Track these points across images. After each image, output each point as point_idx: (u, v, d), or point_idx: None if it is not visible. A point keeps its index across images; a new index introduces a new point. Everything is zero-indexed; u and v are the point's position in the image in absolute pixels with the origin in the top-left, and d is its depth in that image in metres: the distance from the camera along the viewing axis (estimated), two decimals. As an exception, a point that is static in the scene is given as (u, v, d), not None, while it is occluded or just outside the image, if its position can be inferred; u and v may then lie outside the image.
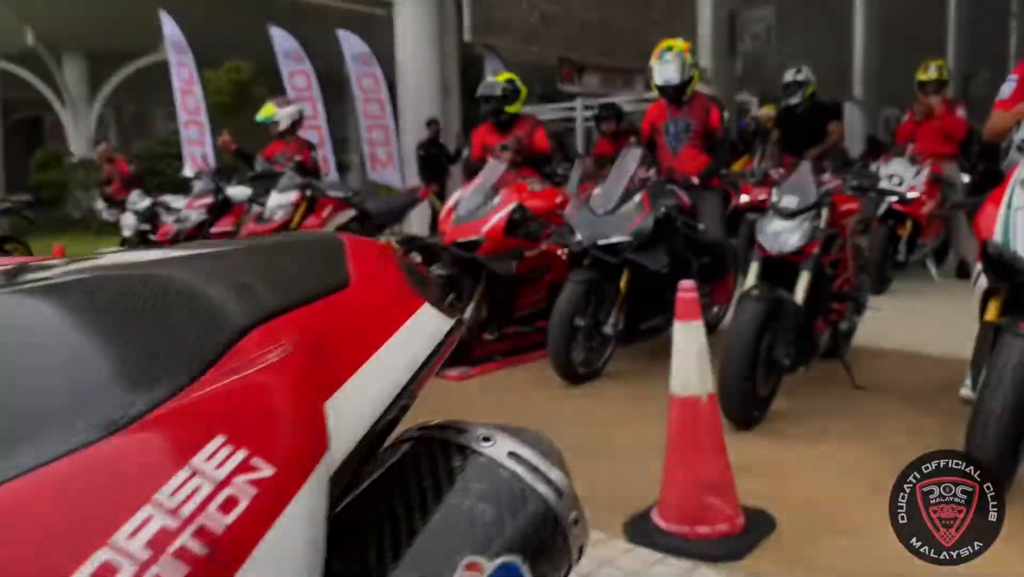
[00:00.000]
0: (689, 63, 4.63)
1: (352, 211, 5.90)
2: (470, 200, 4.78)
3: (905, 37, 23.97)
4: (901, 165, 6.36)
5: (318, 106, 12.10)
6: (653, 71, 4.67)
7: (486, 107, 5.51)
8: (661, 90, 4.68)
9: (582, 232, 4.13)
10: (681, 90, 4.64)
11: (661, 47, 4.71)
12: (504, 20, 14.02)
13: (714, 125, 4.73)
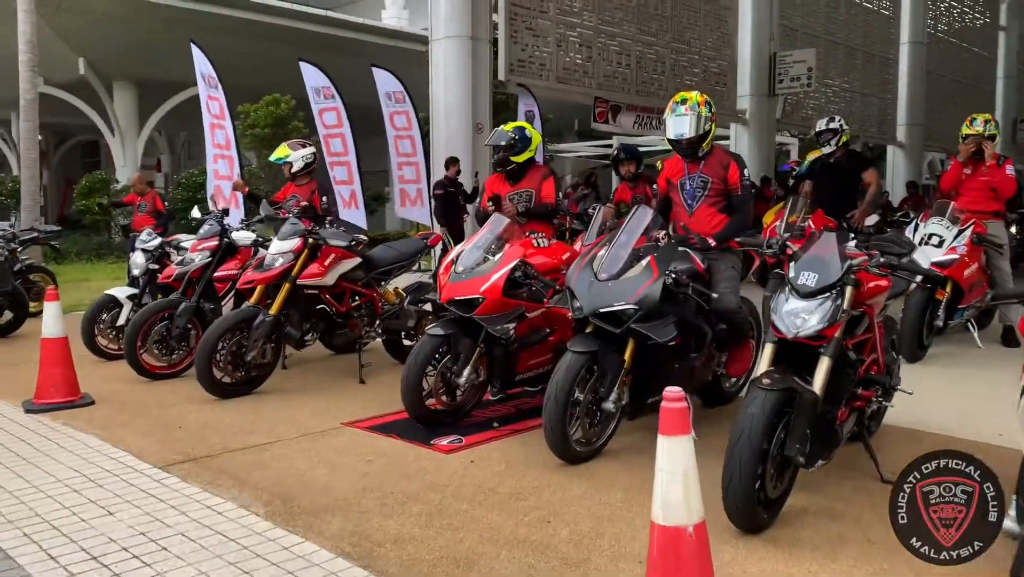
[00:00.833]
0: (705, 116, 4.32)
1: (356, 259, 5.66)
2: (469, 255, 4.50)
3: (951, 81, 23.43)
4: (941, 225, 5.93)
5: (348, 142, 12.02)
6: (666, 124, 4.38)
7: (495, 157, 5.28)
8: (674, 144, 4.38)
9: (583, 298, 3.82)
10: (696, 145, 4.33)
11: (675, 99, 4.41)
12: (539, 59, 13.85)
13: (733, 183, 4.40)
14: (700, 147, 4.36)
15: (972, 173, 6.44)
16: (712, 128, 4.37)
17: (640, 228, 3.99)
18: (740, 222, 4.39)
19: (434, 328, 4.44)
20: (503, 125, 5.29)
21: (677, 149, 4.40)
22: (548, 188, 5.32)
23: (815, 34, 19.19)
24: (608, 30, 15.00)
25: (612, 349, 3.84)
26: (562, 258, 4.71)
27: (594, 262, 3.95)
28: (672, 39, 16.24)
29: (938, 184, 7.07)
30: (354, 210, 12.04)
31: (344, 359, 6.43)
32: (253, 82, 19.60)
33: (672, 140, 4.36)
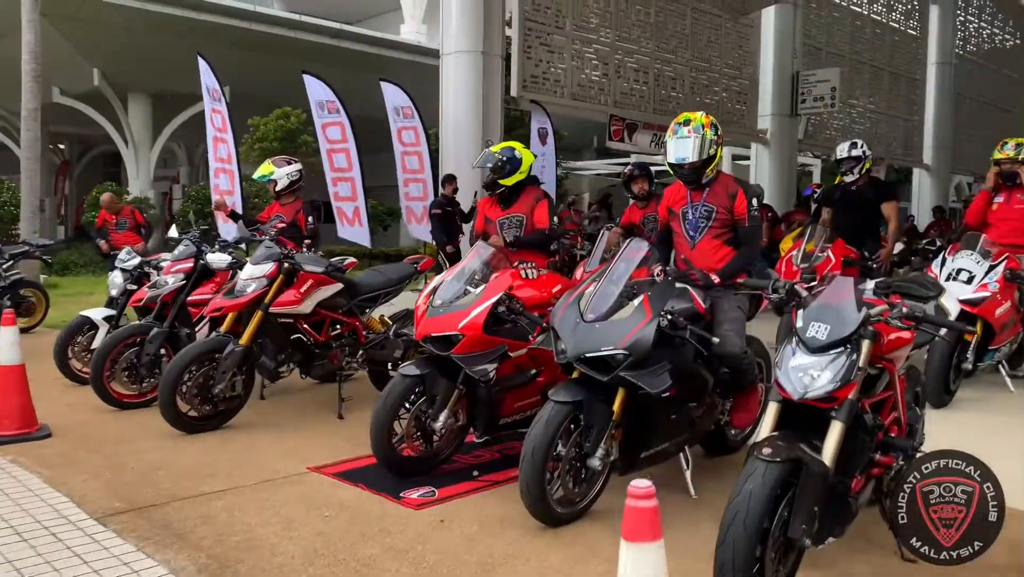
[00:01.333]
0: (710, 139, 3.91)
1: (336, 286, 5.27)
2: (449, 288, 4.11)
3: (979, 103, 22.83)
4: (971, 259, 5.46)
5: (352, 157, 11.70)
6: (666, 147, 3.97)
7: (484, 180, 4.91)
8: (675, 169, 3.97)
9: (567, 340, 3.41)
10: (699, 171, 3.92)
11: (677, 120, 4.01)
12: (554, 75, 13.51)
13: (740, 213, 3.98)
14: (704, 173, 3.95)
15: (1005, 202, 5.98)
16: (718, 153, 3.96)
17: (634, 262, 3.58)
18: (747, 257, 3.97)
19: (407, 367, 4.05)
20: (491, 145, 4.93)
21: (678, 175, 3.99)
22: (541, 213, 4.93)
23: (840, 53, 18.73)
24: (625, 47, 14.65)
25: (599, 399, 3.43)
26: (552, 291, 4.30)
27: (581, 300, 3.54)
28: (692, 56, 15.85)
29: (964, 214, 6.60)
30: (357, 227, 11.71)
31: (328, 389, 6.03)
32: (266, 95, 19.45)
33: (673, 165, 3.96)
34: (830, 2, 18.61)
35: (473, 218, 5.15)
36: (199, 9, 19.36)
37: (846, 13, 19.07)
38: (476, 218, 5.23)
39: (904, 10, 20.68)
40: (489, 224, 5.10)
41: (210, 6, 19.47)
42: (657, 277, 3.53)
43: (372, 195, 21.55)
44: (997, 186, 6.15)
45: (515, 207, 4.98)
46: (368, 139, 13.81)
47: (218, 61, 18.59)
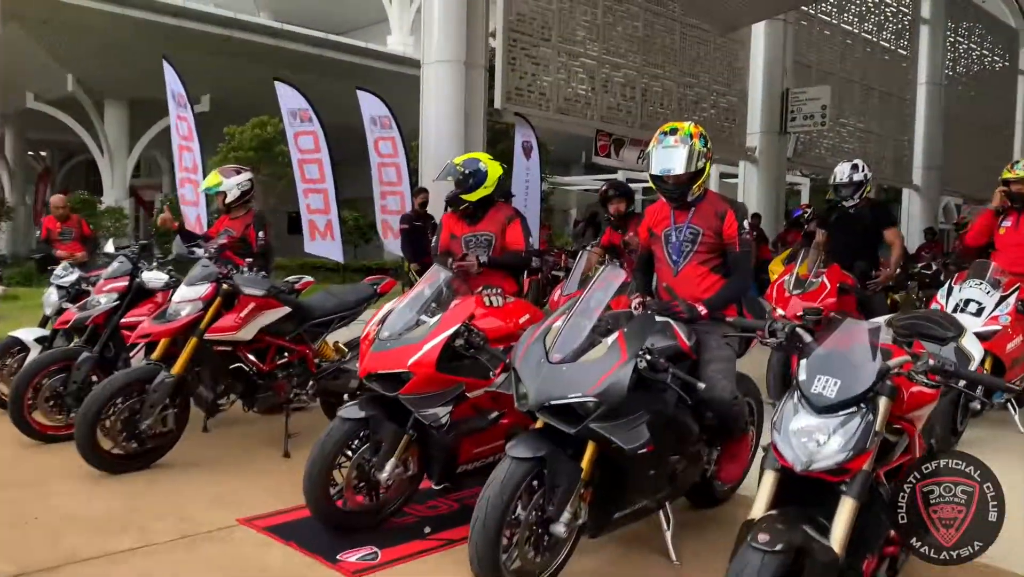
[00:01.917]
0: (699, 151, 3.45)
1: (282, 309, 4.76)
2: (399, 317, 3.60)
3: (968, 125, 22.62)
4: (980, 289, 5.00)
5: (325, 168, 11.19)
6: (650, 159, 3.51)
7: (448, 194, 4.44)
8: (659, 184, 3.50)
9: (529, 384, 2.91)
10: (685, 186, 3.45)
11: (663, 129, 3.55)
12: (539, 88, 13.10)
13: (729, 237, 3.52)
14: (690, 189, 3.48)
15: (1013, 226, 5.54)
16: (707, 168, 3.50)
17: (609, 291, 3.09)
18: (737, 286, 3.50)
19: (348, 409, 3.53)
20: (455, 157, 4.46)
21: (662, 190, 3.52)
22: (515, 233, 4.46)
23: (830, 71, 18.42)
24: (613, 60, 14.25)
25: (566, 454, 2.93)
26: (519, 321, 3.80)
27: (547, 336, 3.04)
28: (680, 72, 15.48)
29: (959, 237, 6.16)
30: (330, 241, 11.18)
31: (280, 421, 5.50)
32: (245, 104, 18.95)
33: (656, 177, 3.49)
34: (820, 20, 18.32)
35: (437, 233, 4.65)
36: (177, 15, 18.87)
37: (836, 31, 18.80)
38: (440, 234, 4.74)
39: (895, 29, 20.45)
40: (454, 241, 4.64)
41: (188, 12, 18.98)
42: (635, 310, 3.04)
43: (355, 207, 21.14)
44: (1005, 208, 5.72)
45: (483, 224, 4.51)
46: (353, 149, 13.32)
47: (197, 69, 18.12)
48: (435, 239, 4.76)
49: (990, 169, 24.12)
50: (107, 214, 20.12)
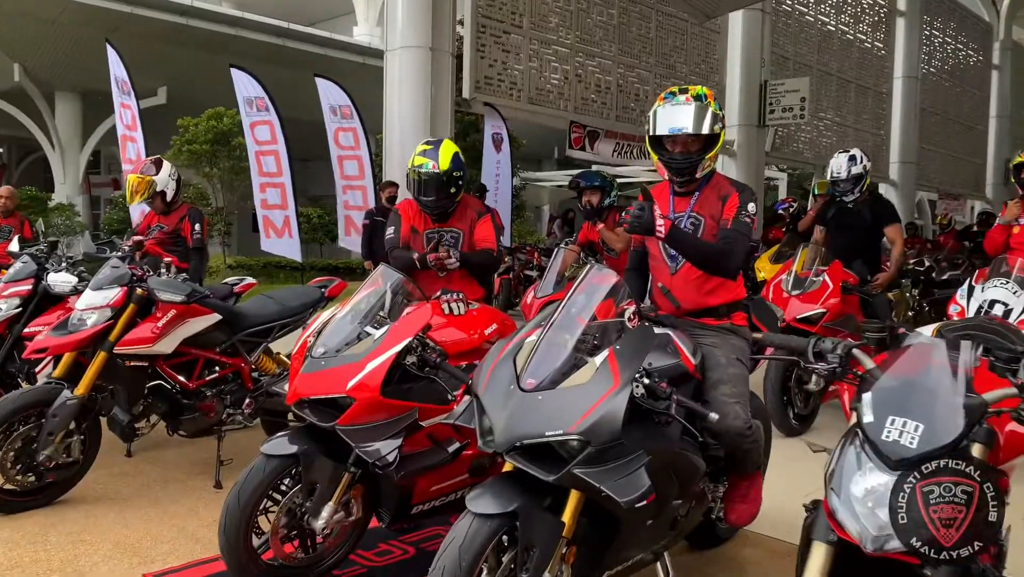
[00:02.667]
0: (714, 113, 2.85)
1: (211, 317, 4.08)
2: (338, 330, 2.94)
3: (943, 119, 22.39)
4: (1006, 289, 4.44)
5: (283, 161, 10.47)
6: (654, 119, 2.89)
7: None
8: (663, 153, 2.87)
9: (496, 418, 2.27)
10: (695, 157, 2.84)
11: (669, 90, 2.94)
12: (510, 77, 12.48)
13: (726, 215, 2.90)
14: (702, 162, 2.86)
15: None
16: (722, 136, 2.89)
17: (596, 296, 2.45)
18: (718, 252, 2.84)
19: (274, 444, 2.87)
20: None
21: (667, 162, 2.89)
22: (486, 230, 3.85)
23: (807, 64, 18.00)
24: (587, 49, 13.68)
25: (542, 506, 2.30)
26: (484, 333, 3.16)
27: (518, 355, 2.40)
28: (657, 62, 14.96)
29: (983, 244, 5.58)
30: (287, 239, 10.46)
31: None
32: (205, 96, 18.11)
33: (660, 144, 2.89)
34: (798, 11, 17.90)
35: (391, 229, 3.99)
36: (132, 3, 17.96)
37: (814, 23, 18.38)
38: (396, 226, 4.07)
39: (871, 22, 20.10)
40: (415, 237, 4.00)
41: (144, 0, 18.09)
42: (629, 321, 2.41)
43: (322, 205, 20.37)
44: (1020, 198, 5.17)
45: (451, 220, 3.90)
46: (320, 145, 12.62)
47: (152, 59, 17.28)
48: (390, 232, 4.08)
49: (963, 164, 24.02)
50: (57, 211, 19.14)
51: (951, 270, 9.37)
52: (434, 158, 3.75)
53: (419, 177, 3.76)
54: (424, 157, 3.78)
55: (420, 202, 3.84)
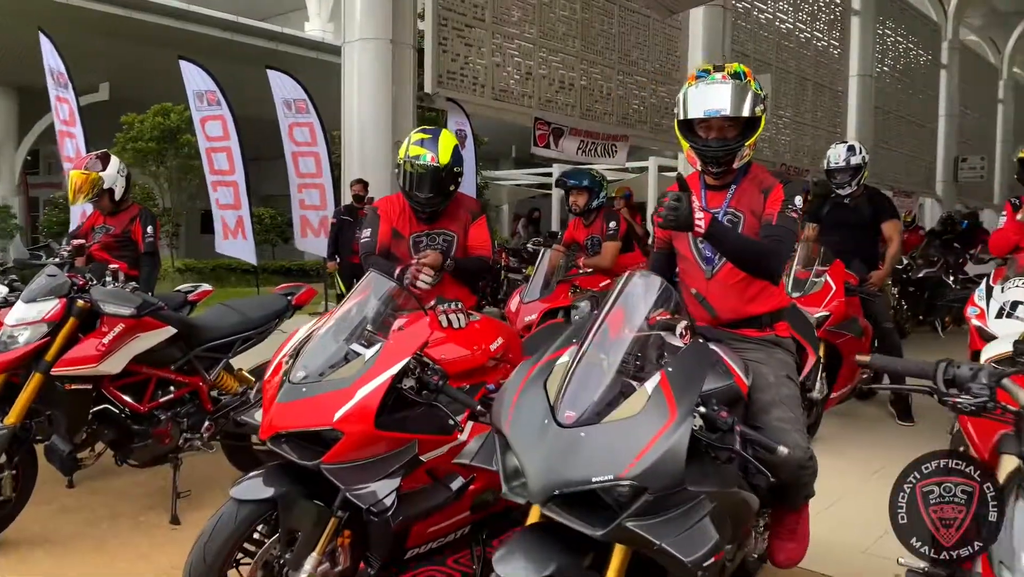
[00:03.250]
0: (756, 93, 2.49)
1: (165, 330, 3.59)
2: (320, 349, 2.49)
3: (896, 118, 22.60)
4: (1030, 290, 4.16)
5: (235, 158, 9.88)
6: (684, 102, 2.53)
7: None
8: (695, 141, 2.51)
9: (528, 460, 1.86)
10: (736, 142, 2.48)
11: (701, 68, 2.58)
12: (473, 72, 12.07)
13: (768, 210, 2.54)
14: (741, 149, 2.50)
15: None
16: (763, 119, 2.53)
17: (639, 311, 2.06)
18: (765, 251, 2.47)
19: (247, 487, 2.40)
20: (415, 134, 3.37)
21: (700, 151, 2.52)
22: (481, 234, 3.45)
23: (766, 61, 17.90)
24: (550, 44, 13.32)
25: (582, 565, 1.89)
26: (490, 349, 2.74)
27: (548, 380, 1.99)
28: (619, 59, 14.68)
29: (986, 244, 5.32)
30: (241, 241, 9.88)
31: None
32: (150, 93, 17.28)
33: (691, 129, 2.52)
34: (757, 8, 17.81)
35: (366, 232, 3.51)
36: (68, -8, 17.04)
37: (772, 21, 18.33)
38: (375, 228, 3.62)
39: (827, 20, 20.16)
40: (399, 242, 3.53)
41: (81, -11, 17.18)
42: (681, 335, 2.02)
43: (274, 205, 19.66)
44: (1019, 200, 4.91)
45: (442, 221, 3.45)
46: (271, 143, 12.03)
47: (94, 53, 16.37)
48: (366, 235, 3.60)
49: (916, 162, 24.27)
50: (-8, 213, 18.14)
51: (927, 268, 9.23)
52: (433, 150, 3.31)
53: (414, 170, 3.31)
54: (421, 148, 3.32)
55: (412, 199, 3.38)
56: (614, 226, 5.19)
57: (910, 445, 4.04)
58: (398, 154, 3.45)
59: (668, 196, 2.34)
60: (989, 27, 26.59)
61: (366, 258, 3.51)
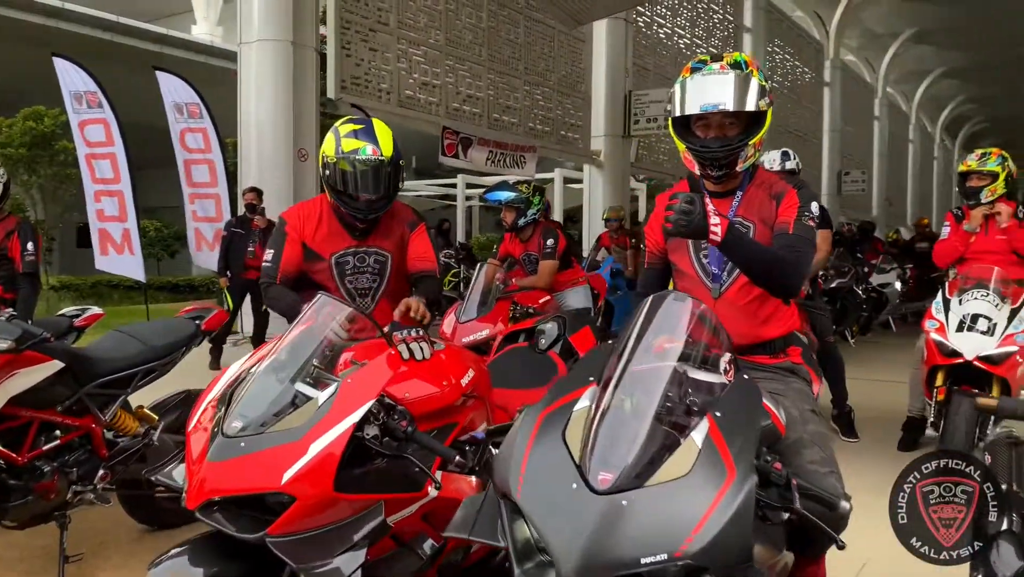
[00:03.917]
0: (761, 86, 2.18)
1: (51, 364, 3.00)
2: (260, 392, 2.02)
3: (785, 132, 23.36)
4: (987, 302, 4.06)
5: (120, 165, 9.04)
6: (678, 97, 2.20)
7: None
8: (691, 141, 2.19)
9: (558, 535, 1.46)
10: (739, 139, 2.17)
11: (698, 59, 2.26)
12: (378, 78, 11.59)
13: (784, 218, 2.25)
14: (745, 148, 2.19)
15: (982, 232, 4.70)
16: (769, 113, 2.22)
17: (674, 341, 1.69)
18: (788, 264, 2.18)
19: (168, 568, 1.90)
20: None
21: (698, 152, 2.19)
22: (423, 244, 2.98)
23: (667, 76, 18.12)
24: (457, 52, 12.99)
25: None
26: (459, 383, 2.32)
27: (567, 430, 1.60)
28: (525, 69, 14.49)
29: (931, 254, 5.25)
30: (127, 256, 9.03)
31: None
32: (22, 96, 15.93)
33: (687, 127, 2.19)
34: (656, 23, 18.05)
35: (270, 255, 2.92)
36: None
37: (671, 36, 18.62)
38: (279, 246, 2.98)
39: (722, 37, 20.67)
40: (317, 264, 2.97)
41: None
42: (725, 372, 1.67)
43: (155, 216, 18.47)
44: (962, 212, 4.87)
45: (374, 237, 2.97)
46: (152, 150, 11.16)
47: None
48: (268, 258, 2.95)
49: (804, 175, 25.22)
50: None
51: (838, 278, 9.35)
52: (372, 141, 2.80)
53: (355, 167, 2.79)
54: (357, 140, 2.80)
55: (351, 204, 2.83)
56: (551, 243, 4.85)
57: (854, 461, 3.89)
58: (323, 153, 2.89)
59: (678, 197, 2.00)
60: (865, 48, 27.97)
61: (267, 289, 2.91)
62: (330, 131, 2.88)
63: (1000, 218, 4.57)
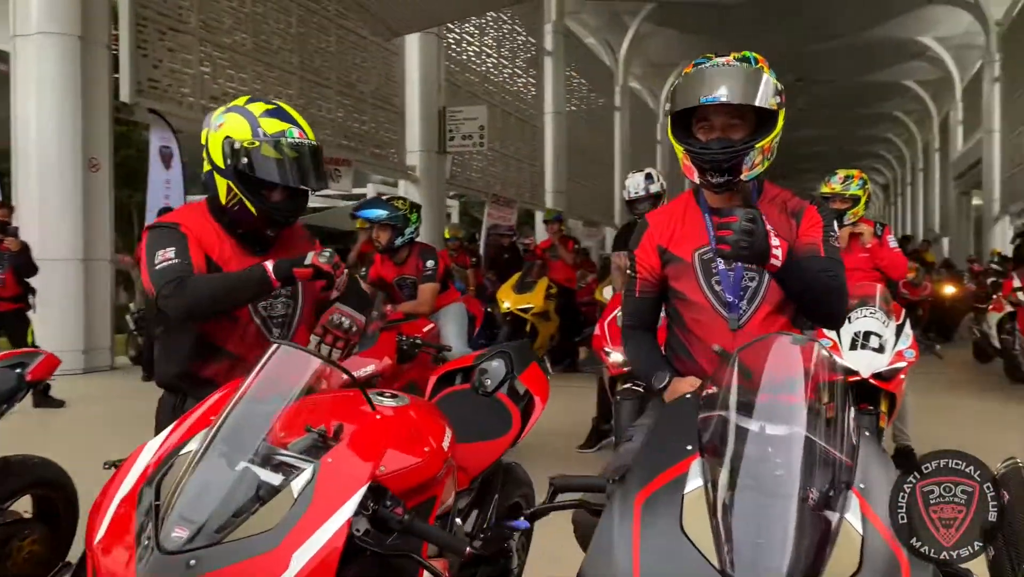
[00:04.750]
0: (774, 84, 1.92)
1: None
2: (205, 482, 1.44)
3: (581, 154, 24.27)
4: (876, 320, 4.11)
5: None
6: (683, 91, 1.90)
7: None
8: (683, 133, 1.91)
9: None
10: (748, 141, 1.90)
11: (703, 56, 1.97)
12: (179, 81, 10.53)
13: (810, 238, 2.02)
14: (752, 154, 1.91)
15: (846, 251, 4.85)
16: (781, 115, 1.96)
17: (795, 395, 1.36)
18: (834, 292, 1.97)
19: None
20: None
21: (696, 155, 1.91)
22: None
23: (477, 94, 18.16)
24: (266, 58, 12.15)
25: None
26: (442, 447, 1.84)
27: (684, 521, 1.22)
28: (337, 79, 13.87)
29: None
30: None
31: None
32: None
33: (692, 117, 1.90)
34: (465, 40, 18.06)
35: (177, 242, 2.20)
36: None
37: (479, 54, 18.71)
38: (186, 247, 2.22)
39: (526, 59, 21.09)
40: None
41: None
42: (851, 428, 1.36)
43: None
44: None
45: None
46: None
47: None
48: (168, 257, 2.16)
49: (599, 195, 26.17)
50: None
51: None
52: (294, 123, 2.22)
53: (283, 152, 2.15)
54: (281, 121, 2.18)
55: (267, 205, 2.21)
56: (432, 265, 4.39)
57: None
58: (227, 138, 2.18)
59: (735, 213, 1.69)
60: (648, 77, 29.71)
61: (181, 286, 2.11)
62: (228, 112, 2.23)
63: (863, 238, 4.73)
